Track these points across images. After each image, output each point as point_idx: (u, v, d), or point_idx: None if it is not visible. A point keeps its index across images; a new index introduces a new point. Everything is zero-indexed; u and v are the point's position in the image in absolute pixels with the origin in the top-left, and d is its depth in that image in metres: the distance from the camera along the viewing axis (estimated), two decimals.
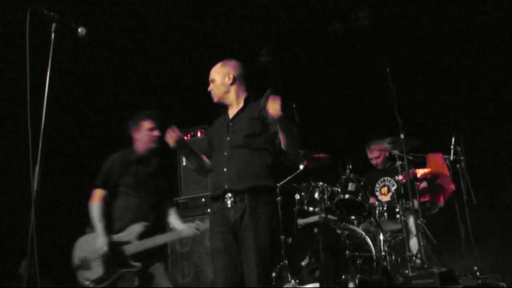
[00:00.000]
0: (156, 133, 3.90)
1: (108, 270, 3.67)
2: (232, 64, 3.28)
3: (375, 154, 5.57)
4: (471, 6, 5.91)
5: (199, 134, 6.39)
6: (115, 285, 3.68)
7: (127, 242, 3.70)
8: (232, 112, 3.22)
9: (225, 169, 3.03)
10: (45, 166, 2.44)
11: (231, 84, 3.21)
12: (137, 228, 3.72)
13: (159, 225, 3.94)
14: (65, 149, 6.85)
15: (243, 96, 3.23)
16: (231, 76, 3.21)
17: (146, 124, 3.92)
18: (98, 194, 3.83)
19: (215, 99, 3.27)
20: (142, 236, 3.71)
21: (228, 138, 3.11)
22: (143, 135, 3.92)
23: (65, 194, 6.77)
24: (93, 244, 3.71)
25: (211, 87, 3.26)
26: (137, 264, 3.64)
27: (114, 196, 3.86)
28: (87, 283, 3.70)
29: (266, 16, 6.51)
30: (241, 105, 3.20)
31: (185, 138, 6.47)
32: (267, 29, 6.75)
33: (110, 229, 3.75)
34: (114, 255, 3.66)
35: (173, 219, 4.02)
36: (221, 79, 3.21)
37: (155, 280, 3.67)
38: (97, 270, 3.69)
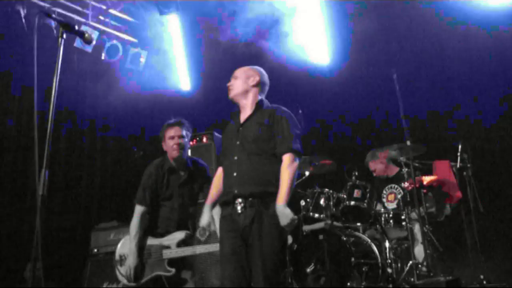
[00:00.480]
0: (176, 140, 3.89)
1: (143, 270, 3.79)
2: (259, 70, 3.36)
3: (371, 168, 5.56)
4: (479, 12, 5.88)
5: (204, 139, 6.41)
6: (147, 285, 3.78)
7: (167, 247, 3.80)
8: (243, 117, 3.24)
9: (234, 174, 3.05)
10: (52, 170, 2.44)
11: (254, 86, 3.26)
12: (179, 235, 3.82)
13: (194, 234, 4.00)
14: (71, 153, 6.87)
15: (256, 102, 3.25)
16: (257, 79, 3.27)
17: (168, 133, 3.94)
18: (136, 210, 3.91)
19: (231, 95, 3.28)
20: (181, 243, 3.80)
21: (237, 143, 3.13)
22: (167, 145, 3.94)
23: (71, 197, 6.78)
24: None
25: (231, 82, 3.29)
26: (172, 269, 3.75)
27: (156, 206, 3.94)
28: (121, 278, 3.84)
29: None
30: (253, 110, 3.23)
31: (191, 143, 6.51)
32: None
33: (153, 233, 3.89)
34: (152, 257, 3.79)
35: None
36: (245, 78, 3.27)
37: (187, 285, 3.76)
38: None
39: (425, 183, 4.75)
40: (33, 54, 2.54)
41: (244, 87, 3.25)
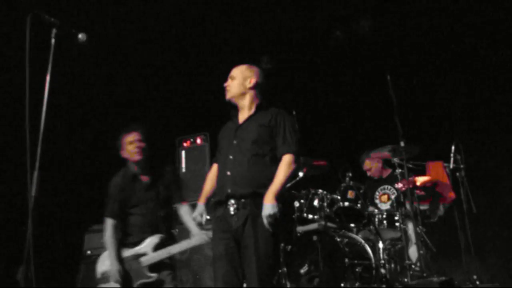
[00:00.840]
0: (137, 144, 3.86)
1: (126, 283, 3.77)
2: (257, 70, 3.32)
3: (367, 166, 5.57)
4: (473, 14, 5.92)
5: (198, 140, 6.41)
6: None
7: (143, 254, 3.78)
8: (242, 117, 3.24)
9: (228, 173, 3.04)
10: (43, 171, 2.43)
11: (251, 88, 3.23)
12: (153, 240, 3.79)
13: (171, 235, 3.98)
14: (63, 154, 6.84)
15: (256, 103, 3.25)
16: (253, 81, 3.24)
17: (126, 139, 3.91)
18: (108, 224, 3.91)
19: (228, 96, 3.27)
20: (157, 247, 3.77)
21: (234, 142, 3.13)
22: (127, 151, 3.90)
23: (63, 199, 6.75)
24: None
25: (228, 83, 3.27)
26: (153, 274, 3.73)
27: (125, 215, 3.92)
28: None
29: (268, 24, 6.52)
30: (252, 111, 3.22)
31: (185, 144, 6.52)
32: (269, 37, 6.76)
33: (126, 244, 3.87)
34: (132, 268, 3.77)
35: (189, 223, 3.90)
36: (242, 80, 3.24)
37: (164, 285, 3.72)
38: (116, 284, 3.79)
39: (418, 183, 4.76)
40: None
41: (241, 90, 3.23)
